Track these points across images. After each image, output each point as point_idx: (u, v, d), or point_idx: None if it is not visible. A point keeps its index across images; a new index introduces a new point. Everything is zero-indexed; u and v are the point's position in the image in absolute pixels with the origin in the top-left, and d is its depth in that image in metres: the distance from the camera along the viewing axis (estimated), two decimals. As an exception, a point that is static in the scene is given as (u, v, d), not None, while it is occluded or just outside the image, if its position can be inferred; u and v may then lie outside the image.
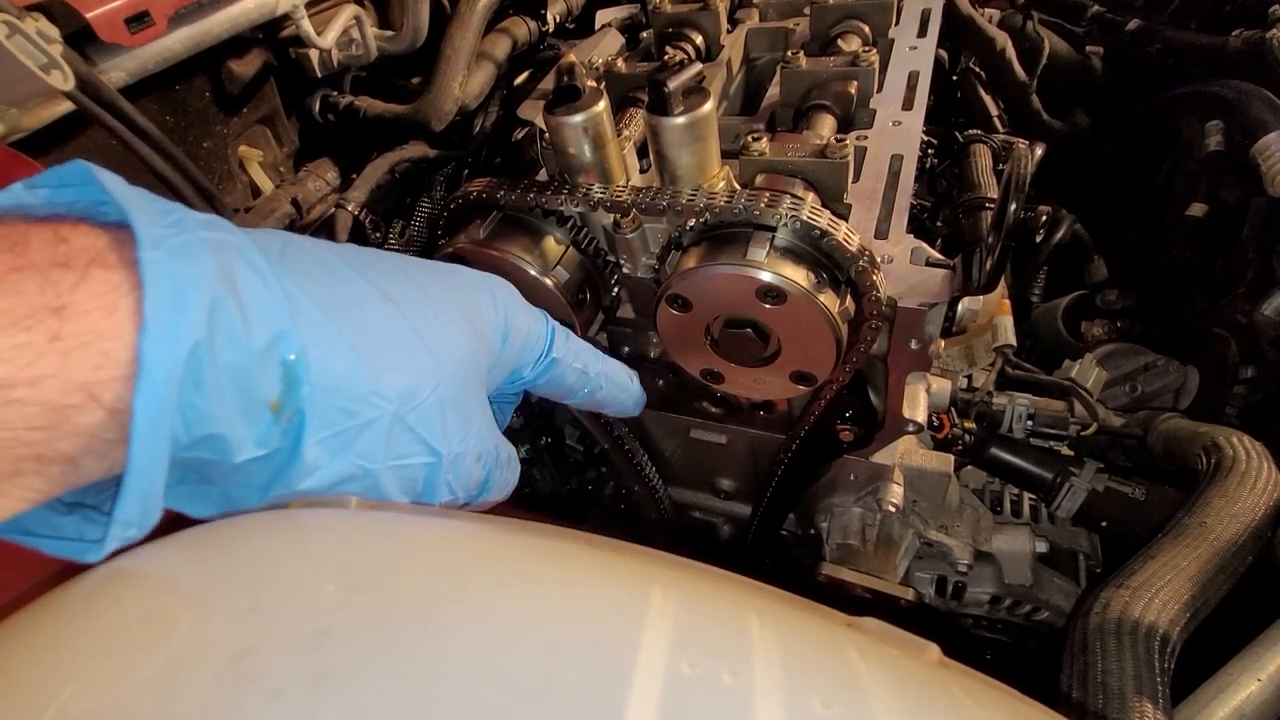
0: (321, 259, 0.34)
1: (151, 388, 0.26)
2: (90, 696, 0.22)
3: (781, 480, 0.73)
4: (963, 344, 0.86)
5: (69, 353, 0.24)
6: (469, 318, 0.40)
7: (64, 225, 0.26)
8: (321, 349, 0.31)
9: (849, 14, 0.84)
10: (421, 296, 0.37)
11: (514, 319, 0.44)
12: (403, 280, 0.37)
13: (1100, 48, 1.44)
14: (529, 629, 0.23)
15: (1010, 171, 0.50)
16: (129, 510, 0.27)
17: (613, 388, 0.54)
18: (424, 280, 0.39)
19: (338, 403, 0.32)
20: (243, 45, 0.83)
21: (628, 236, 0.57)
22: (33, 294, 0.24)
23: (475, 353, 0.40)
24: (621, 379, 0.55)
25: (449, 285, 0.40)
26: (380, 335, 0.34)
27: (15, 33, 0.48)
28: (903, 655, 0.26)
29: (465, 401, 0.38)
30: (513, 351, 0.44)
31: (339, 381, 0.32)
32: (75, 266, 0.25)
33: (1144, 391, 0.94)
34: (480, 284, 0.43)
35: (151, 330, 0.25)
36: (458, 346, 0.38)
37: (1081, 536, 0.81)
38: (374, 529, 0.30)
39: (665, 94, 0.50)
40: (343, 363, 0.32)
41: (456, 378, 0.37)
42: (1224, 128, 1.02)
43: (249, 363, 0.29)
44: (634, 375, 0.57)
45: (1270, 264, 0.89)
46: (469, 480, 0.41)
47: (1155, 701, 0.46)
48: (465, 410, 0.38)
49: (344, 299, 0.33)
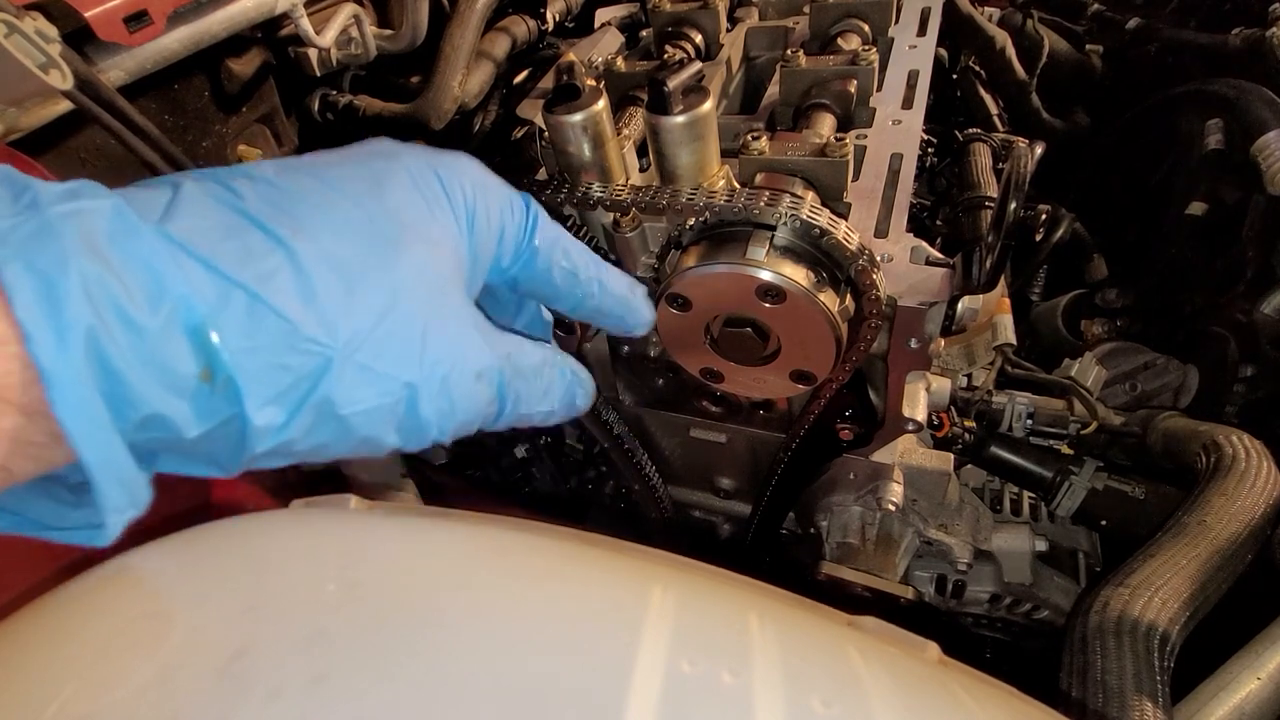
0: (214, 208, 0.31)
1: (65, 393, 0.24)
2: (90, 696, 0.22)
3: (781, 479, 0.73)
4: (962, 343, 0.87)
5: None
6: (411, 227, 0.35)
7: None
8: (226, 310, 0.28)
9: (849, 12, 0.84)
10: (345, 221, 0.33)
11: (476, 203, 0.39)
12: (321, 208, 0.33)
13: (1100, 46, 1.44)
14: (529, 628, 0.23)
15: (1010, 170, 0.50)
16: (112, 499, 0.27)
17: (609, 300, 0.47)
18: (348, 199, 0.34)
19: (266, 359, 0.29)
20: (241, 44, 0.82)
21: (627, 235, 0.57)
22: None
23: (433, 262, 0.35)
24: (620, 290, 0.48)
25: (384, 193, 0.36)
26: (294, 278, 0.30)
27: (14, 32, 0.48)
28: (902, 654, 0.26)
29: (433, 318, 0.35)
30: (486, 240, 0.40)
31: (257, 339, 0.29)
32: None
33: (1144, 390, 0.94)
34: (424, 177, 0.38)
35: (35, 337, 0.24)
36: (402, 264, 0.34)
37: (1081, 535, 0.81)
38: (372, 529, 0.30)
39: (665, 93, 0.50)
40: (254, 319, 0.29)
41: (410, 297, 0.34)
42: (1224, 126, 1.02)
43: (153, 338, 0.27)
44: (637, 289, 0.49)
45: (1270, 262, 0.89)
46: (474, 402, 0.37)
47: (1155, 700, 0.46)
48: (438, 328, 0.35)
49: (244, 249, 0.30)
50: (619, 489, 0.93)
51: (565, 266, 0.44)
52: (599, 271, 0.46)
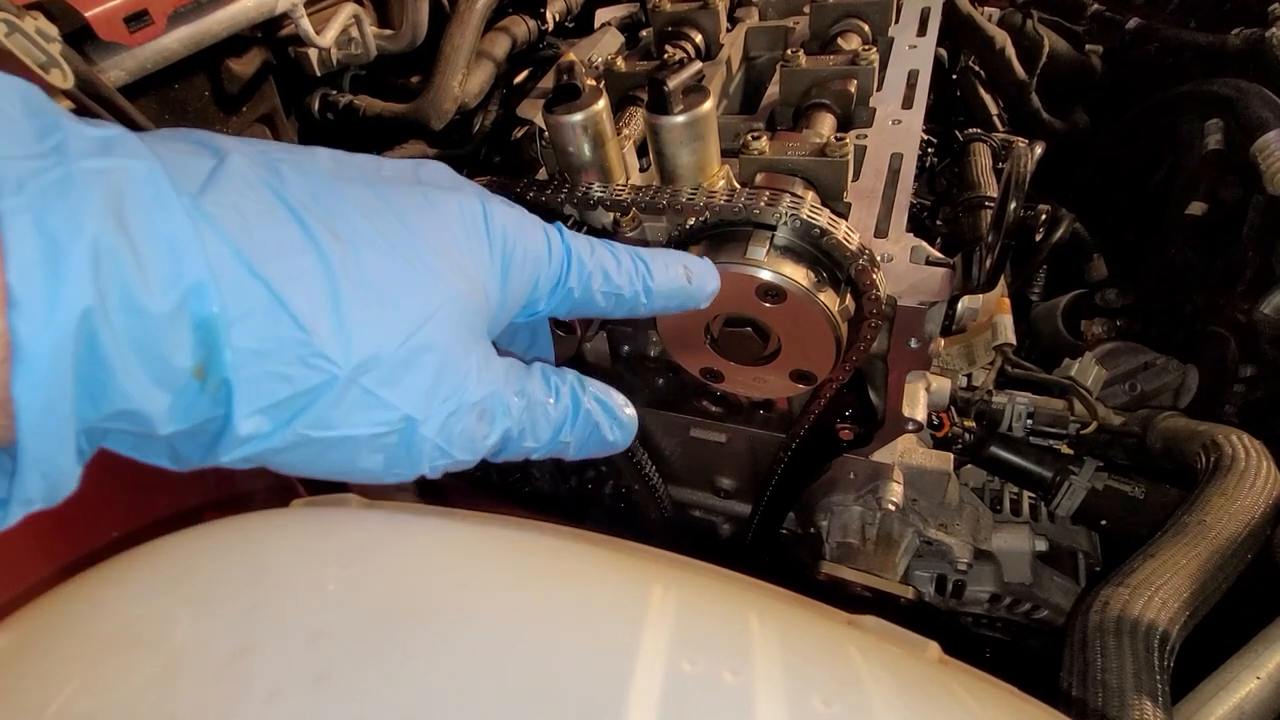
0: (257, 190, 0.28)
1: (32, 373, 0.21)
2: (91, 695, 0.22)
3: (781, 479, 0.73)
4: (962, 342, 0.87)
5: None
6: (449, 258, 0.33)
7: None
8: (243, 305, 0.26)
9: (849, 12, 0.84)
10: (386, 238, 0.31)
11: (515, 247, 0.37)
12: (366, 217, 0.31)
13: (1100, 46, 1.44)
14: (529, 627, 0.23)
15: (1010, 170, 0.50)
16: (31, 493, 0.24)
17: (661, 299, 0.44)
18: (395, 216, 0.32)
19: (269, 367, 0.27)
20: (242, 44, 0.82)
21: (627, 235, 0.57)
22: None
23: (460, 297, 0.33)
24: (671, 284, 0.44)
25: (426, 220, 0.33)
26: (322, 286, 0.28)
27: (14, 31, 0.48)
28: (903, 653, 0.26)
29: (448, 355, 0.32)
30: (518, 289, 0.38)
31: (267, 344, 0.26)
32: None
33: (1143, 390, 0.94)
34: (471, 213, 0.35)
35: (22, 305, 0.21)
36: (433, 295, 0.32)
37: (1081, 535, 0.81)
38: (373, 529, 0.30)
39: (665, 92, 0.50)
40: (271, 321, 0.26)
41: (432, 330, 0.32)
42: (1224, 126, 1.02)
43: (155, 327, 0.24)
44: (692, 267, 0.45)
45: (1270, 262, 0.89)
46: (472, 439, 0.34)
47: (1155, 699, 0.46)
48: (452, 364, 0.33)
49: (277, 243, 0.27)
50: (619, 489, 0.93)
51: (606, 291, 0.42)
52: (644, 278, 0.43)
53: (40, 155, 0.22)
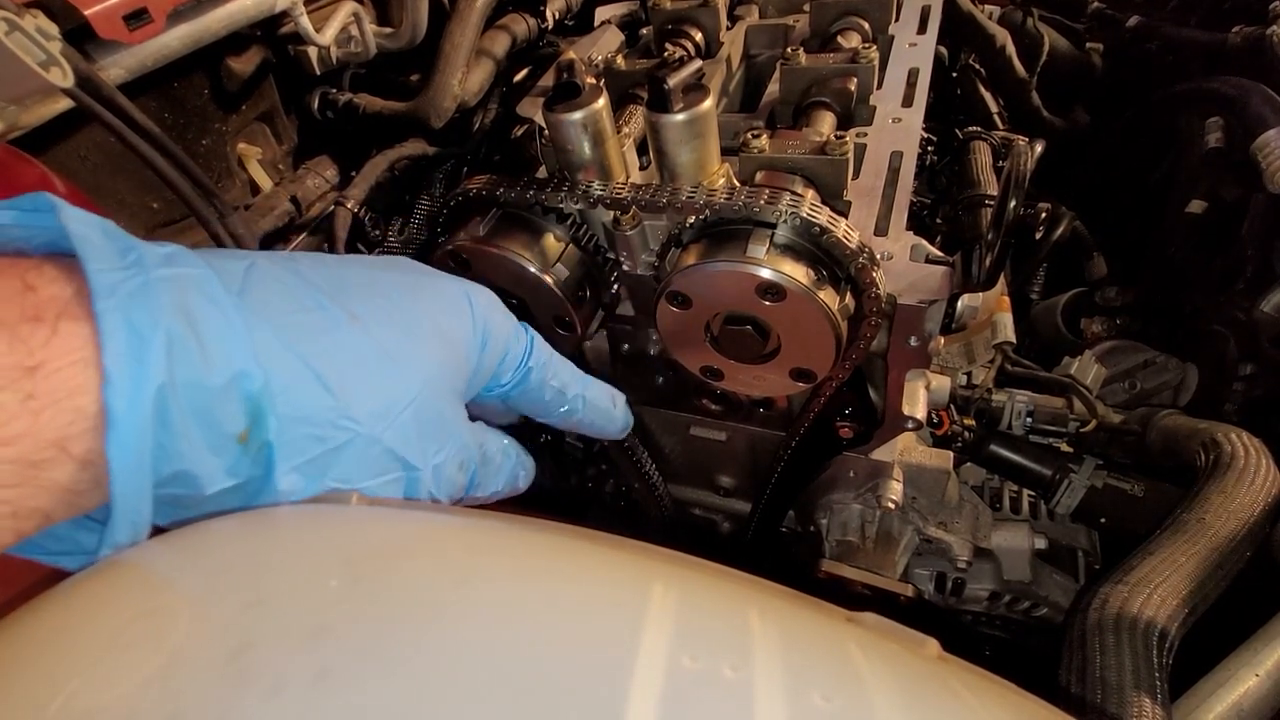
0: (285, 283, 0.34)
1: (122, 437, 0.26)
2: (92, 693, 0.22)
3: (781, 477, 0.73)
4: (962, 341, 0.87)
5: (41, 410, 0.25)
6: (441, 331, 0.40)
7: (30, 270, 0.27)
8: (285, 379, 0.31)
9: (849, 10, 0.84)
10: (390, 315, 0.37)
11: (492, 326, 0.44)
12: (371, 298, 0.37)
13: (1100, 44, 1.44)
14: (530, 624, 0.23)
15: (1010, 168, 0.50)
16: (119, 536, 0.28)
17: (592, 412, 0.52)
18: (394, 296, 0.38)
19: (307, 430, 0.32)
20: (241, 42, 0.82)
21: (627, 233, 0.57)
22: (4, 353, 0.25)
23: (450, 364, 0.40)
24: (604, 404, 0.54)
25: (421, 298, 0.40)
26: (347, 359, 0.34)
27: (14, 29, 0.48)
28: (902, 650, 0.26)
29: (441, 413, 0.38)
30: (492, 358, 0.44)
31: (305, 410, 0.32)
32: (45, 320, 0.26)
33: (1143, 388, 0.94)
34: (455, 293, 0.42)
35: (114, 382, 0.26)
36: (430, 361, 0.38)
37: (1080, 533, 0.81)
38: (375, 525, 0.30)
39: (665, 91, 0.50)
40: (308, 391, 0.32)
41: (430, 392, 0.37)
42: (1224, 124, 1.02)
43: (212, 399, 0.29)
44: (619, 399, 0.55)
45: (1270, 261, 0.89)
46: (452, 486, 0.41)
47: (1154, 696, 0.47)
48: (442, 422, 0.39)
49: (308, 325, 0.33)
50: (619, 487, 0.93)
51: (555, 385, 0.49)
52: (584, 388, 0.51)
53: (123, 268, 0.28)
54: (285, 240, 0.89)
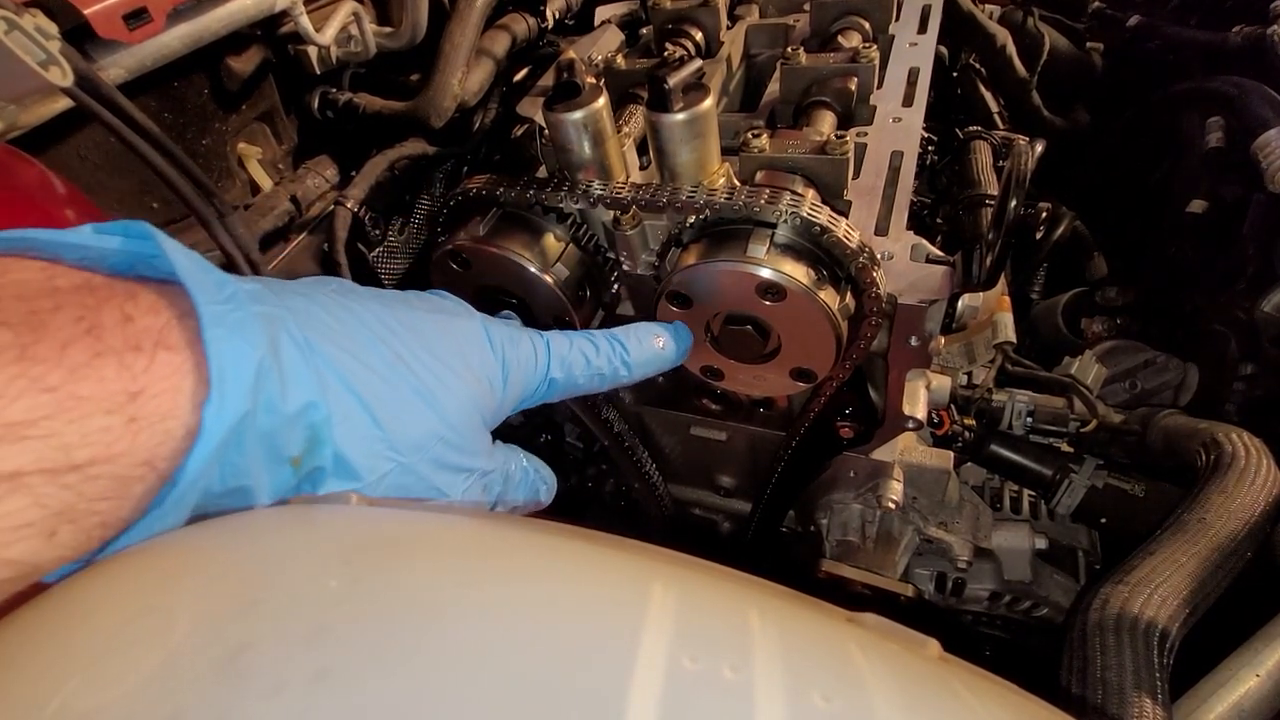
0: (343, 323, 0.38)
1: (203, 453, 0.29)
2: (92, 692, 0.22)
3: (781, 477, 0.73)
4: (963, 341, 0.87)
5: (139, 432, 0.28)
6: (470, 366, 0.43)
7: (126, 300, 0.29)
8: (343, 412, 0.35)
9: (849, 10, 0.84)
10: (429, 354, 0.41)
11: (510, 357, 0.46)
12: (413, 339, 0.41)
13: (1101, 44, 1.44)
14: (530, 624, 0.23)
15: (1010, 168, 0.50)
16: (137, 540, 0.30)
17: (641, 369, 0.53)
18: (431, 336, 0.42)
19: (357, 459, 0.36)
20: (241, 42, 0.82)
21: (627, 233, 0.56)
22: (112, 379, 0.27)
23: (477, 397, 0.43)
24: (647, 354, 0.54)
25: (452, 338, 0.43)
26: (394, 396, 0.38)
27: (14, 29, 0.48)
28: (903, 650, 0.26)
29: (470, 441, 0.42)
30: (516, 387, 0.47)
31: (358, 441, 0.36)
32: (145, 349, 0.28)
33: (1144, 388, 0.94)
34: (478, 330, 0.46)
35: (214, 404, 0.29)
36: (462, 396, 0.42)
37: (1081, 533, 0.81)
38: (375, 525, 0.30)
39: (665, 90, 0.50)
40: (361, 425, 0.36)
41: (460, 423, 0.41)
42: (1224, 124, 1.02)
43: (281, 425, 0.32)
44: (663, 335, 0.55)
45: (1270, 260, 0.89)
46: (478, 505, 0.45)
47: (1154, 696, 0.47)
48: (471, 450, 0.42)
49: (363, 365, 0.37)
50: (619, 487, 0.93)
51: (588, 373, 0.51)
52: (621, 356, 0.52)
53: (223, 301, 0.31)
54: (285, 240, 0.89)
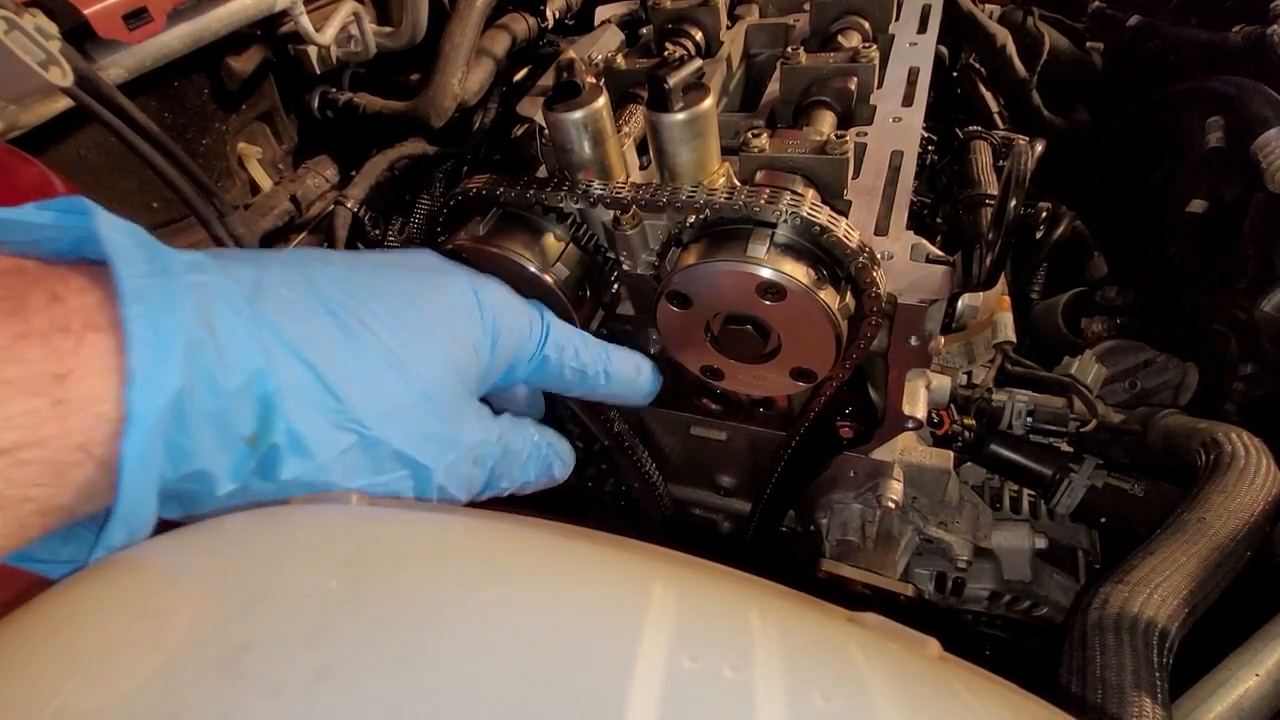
0: (296, 290, 0.35)
1: (138, 437, 0.27)
2: (92, 692, 0.22)
3: (781, 477, 0.73)
4: (963, 340, 0.87)
5: (69, 415, 0.27)
6: (450, 331, 0.41)
7: (58, 281, 0.28)
8: (294, 385, 0.33)
9: (849, 9, 0.84)
10: (396, 320, 0.38)
11: (503, 321, 0.44)
12: (377, 304, 0.38)
13: (1101, 44, 1.43)
14: (531, 624, 0.23)
15: (1010, 168, 0.50)
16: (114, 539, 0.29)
17: (616, 385, 0.54)
18: (400, 300, 0.39)
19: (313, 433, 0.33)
20: (241, 42, 0.82)
21: (627, 233, 0.56)
22: (37, 360, 0.26)
23: (459, 363, 0.41)
24: (628, 374, 0.55)
25: (427, 301, 0.41)
26: (354, 365, 0.35)
27: (14, 29, 0.48)
28: (903, 650, 0.26)
29: (452, 411, 0.40)
30: (505, 353, 0.45)
31: (312, 414, 0.33)
32: (72, 330, 0.27)
33: (1144, 388, 0.94)
34: (464, 292, 0.43)
35: (138, 384, 0.27)
36: (437, 363, 0.39)
37: (1081, 533, 0.81)
38: (375, 525, 0.30)
39: (665, 90, 0.50)
40: (315, 396, 0.33)
41: (439, 392, 0.38)
42: (1224, 124, 1.02)
43: (226, 402, 0.30)
44: (645, 366, 0.56)
45: (1270, 260, 0.89)
46: (469, 482, 0.42)
47: (1154, 696, 0.47)
48: (453, 419, 0.40)
49: (316, 333, 0.34)
50: (619, 486, 0.93)
51: (574, 366, 0.50)
52: (605, 364, 0.52)
53: (149, 275, 0.29)
54: (285, 240, 0.89)
